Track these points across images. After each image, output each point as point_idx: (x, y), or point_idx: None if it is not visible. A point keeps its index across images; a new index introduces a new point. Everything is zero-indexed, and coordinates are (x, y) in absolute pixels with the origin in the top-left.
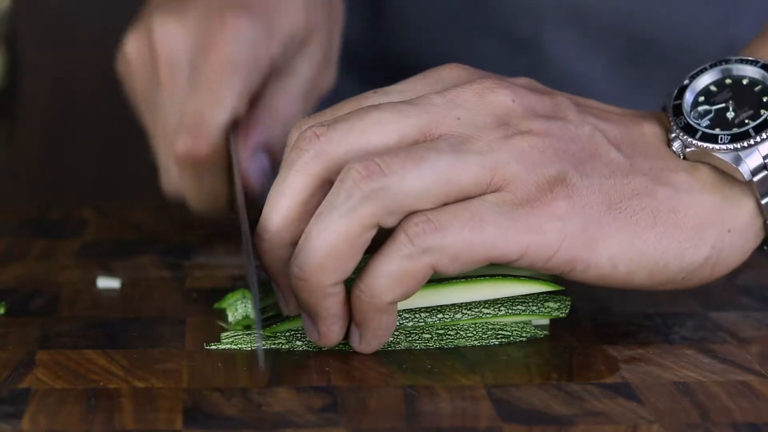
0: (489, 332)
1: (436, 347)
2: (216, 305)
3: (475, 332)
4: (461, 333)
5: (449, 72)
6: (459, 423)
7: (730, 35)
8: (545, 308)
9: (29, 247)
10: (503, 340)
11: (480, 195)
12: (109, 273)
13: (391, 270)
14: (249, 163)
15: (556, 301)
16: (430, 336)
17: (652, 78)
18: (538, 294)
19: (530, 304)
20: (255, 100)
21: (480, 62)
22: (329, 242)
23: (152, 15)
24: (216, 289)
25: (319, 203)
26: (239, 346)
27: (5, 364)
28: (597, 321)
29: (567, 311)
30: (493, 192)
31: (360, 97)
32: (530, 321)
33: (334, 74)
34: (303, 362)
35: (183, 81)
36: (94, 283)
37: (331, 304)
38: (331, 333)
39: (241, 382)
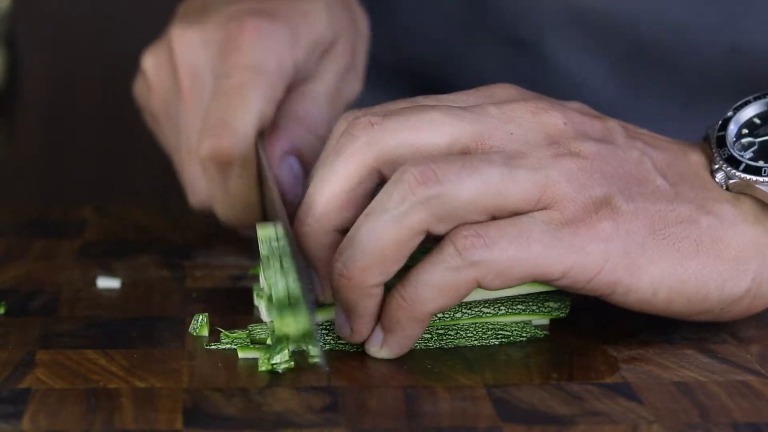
0: (489, 332)
1: (436, 347)
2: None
3: (475, 332)
4: (461, 333)
5: (503, 90)
6: (459, 423)
7: (733, 38)
8: (545, 308)
9: (29, 247)
10: (503, 340)
11: (527, 211)
12: (109, 273)
13: (435, 281)
14: (279, 168)
15: (556, 301)
16: (430, 336)
17: (655, 81)
18: (539, 293)
19: (530, 303)
20: (280, 107)
21: (482, 66)
22: (377, 244)
23: (171, 29)
24: (216, 289)
25: (364, 192)
26: (239, 346)
27: (5, 364)
28: (597, 321)
29: (567, 311)
30: (541, 210)
31: (411, 101)
32: (530, 321)
33: (361, 82)
34: (303, 362)
35: (205, 91)
36: (94, 283)
37: (371, 304)
38: (365, 332)
39: (241, 382)
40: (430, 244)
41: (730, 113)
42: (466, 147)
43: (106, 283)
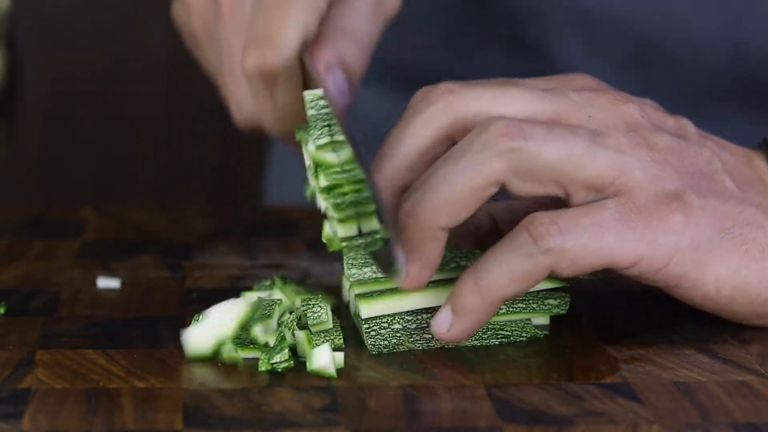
0: (489, 332)
1: (436, 347)
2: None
3: (475, 332)
4: None
5: (582, 79)
6: (459, 423)
7: (738, 38)
8: (545, 305)
9: (29, 247)
10: (503, 339)
11: (598, 190)
12: (109, 273)
13: (509, 267)
14: (324, 79)
15: (555, 298)
16: (431, 336)
17: (659, 82)
18: (538, 291)
19: (530, 301)
20: (323, 20)
21: (486, 66)
22: (451, 187)
23: None
24: (216, 289)
25: (435, 156)
26: (239, 346)
27: (5, 364)
28: (597, 320)
29: (567, 307)
30: (613, 196)
31: (490, 81)
32: (530, 320)
33: None
34: (303, 362)
35: (245, 9)
36: (94, 283)
37: (433, 249)
38: (420, 278)
39: (241, 382)
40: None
41: None
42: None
43: (106, 283)
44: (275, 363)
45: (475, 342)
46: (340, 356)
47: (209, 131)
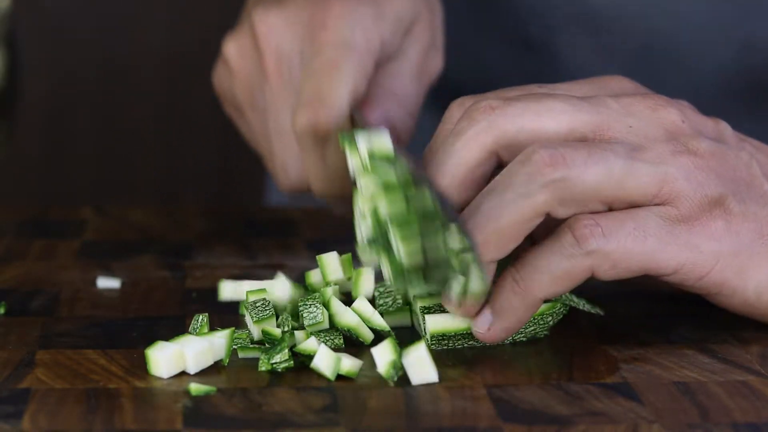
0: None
1: (479, 345)
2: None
3: (515, 332)
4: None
5: (617, 82)
6: (459, 423)
7: (744, 35)
8: (543, 322)
9: (29, 247)
10: (504, 339)
11: (643, 204)
12: (109, 273)
13: (552, 268)
14: None
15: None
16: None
17: (666, 80)
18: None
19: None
20: (370, 84)
21: (491, 65)
22: (499, 221)
23: (251, 14)
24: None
25: (482, 174)
26: (239, 346)
27: (5, 364)
28: (597, 321)
29: (566, 310)
30: (658, 204)
31: (524, 89)
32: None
33: (442, 59)
34: (303, 362)
35: (293, 72)
36: (94, 283)
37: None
38: (474, 308)
39: (241, 382)
40: None
41: None
42: (584, 136)
43: (106, 283)
44: (275, 363)
45: (522, 337)
46: (347, 363)
47: (209, 131)
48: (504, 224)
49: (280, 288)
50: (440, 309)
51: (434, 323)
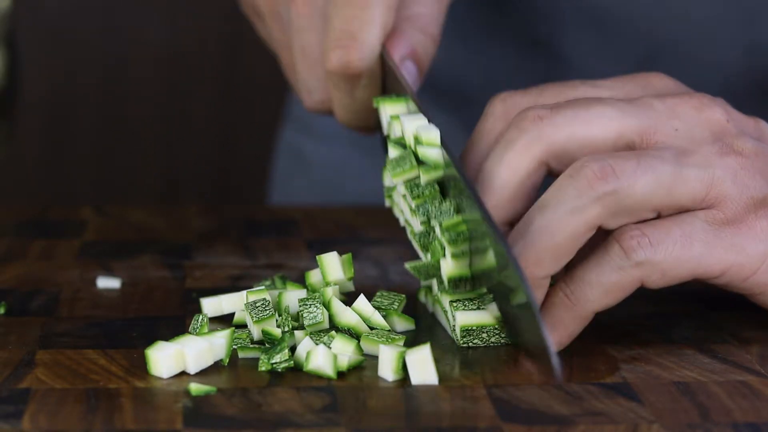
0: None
1: (466, 343)
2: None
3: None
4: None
5: (659, 80)
6: (459, 423)
7: (752, 34)
8: None
9: (29, 247)
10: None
11: (692, 209)
12: (109, 273)
13: (602, 280)
14: (401, 71)
15: None
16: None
17: None
18: None
19: None
20: None
21: (498, 64)
22: (552, 238)
23: None
24: (216, 289)
25: (533, 185)
26: (239, 346)
27: (5, 364)
28: (597, 321)
29: None
30: (704, 209)
31: (566, 84)
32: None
33: None
34: None
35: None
36: (94, 283)
37: (539, 295)
38: None
39: (241, 382)
40: None
41: None
42: (632, 141)
43: (106, 283)
44: (275, 363)
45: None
46: (344, 358)
47: (209, 131)
48: (558, 241)
49: (232, 303)
50: (468, 304)
51: (465, 318)
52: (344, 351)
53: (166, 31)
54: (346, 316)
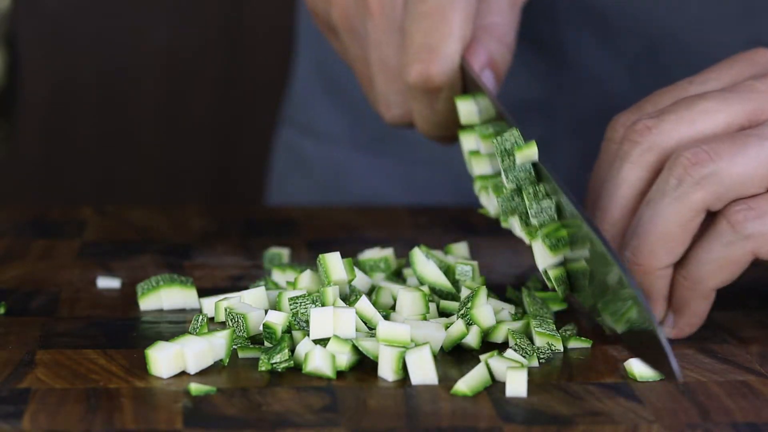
0: None
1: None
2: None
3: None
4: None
5: (762, 56)
6: (459, 423)
7: (751, 31)
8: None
9: (29, 247)
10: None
11: None
12: (109, 273)
13: (714, 257)
14: (483, 81)
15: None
16: None
17: (672, 77)
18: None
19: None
20: None
21: None
22: (661, 228)
23: None
24: (216, 289)
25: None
26: (239, 346)
27: (5, 364)
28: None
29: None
30: None
31: (677, 87)
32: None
33: None
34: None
35: (397, 9)
36: (94, 283)
37: (661, 286)
38: (660, 312)
39: (241, 382)
40: None
41: None
42: (742, 127)
43: (106, 283)
44: (275, 363)
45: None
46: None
47: (209, 131)
48: (667, 230)
49: (253, 297)
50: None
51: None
52: (341, 351)
53: (166, 31)
54: (428, 270)
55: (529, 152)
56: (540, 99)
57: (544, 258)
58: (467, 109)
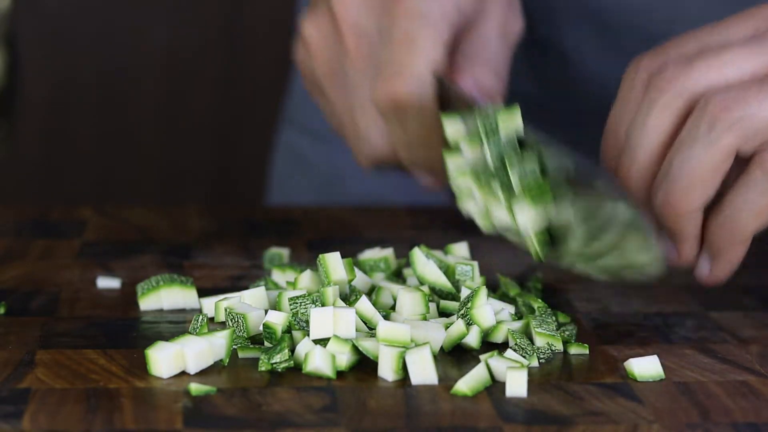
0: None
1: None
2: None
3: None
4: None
5: None
6: (459, 423)
7: None
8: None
9: (29, 247)
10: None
11: None
12: (109, 273)
13: (749, 204)
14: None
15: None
16: None
17: None
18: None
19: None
20: (457, 51)
21: None
22: (694, 172)
23: None
24: (216, 289)
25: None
26: (239, 346)
27: (5, 364)
28: (597, 321)
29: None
30: None
31: (701, 33)
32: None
33: (522, 16)
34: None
35: (372, 46)
36: (94, 283)
37: (693, 227)
38: (691, 254)
39: (241, 382)
40: None
41: None
42: (767, 75)
43: (106, 283)
44: (275, 363)
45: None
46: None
47: (209, 131)
48: (700, 173)
49: (253, 297)
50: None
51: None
52: (341, 351)
53: (166, 32)
54: (428, 270)
55: (512, 114)
56: (539, 98)
57: (528, 218)
58: (453, 127)
